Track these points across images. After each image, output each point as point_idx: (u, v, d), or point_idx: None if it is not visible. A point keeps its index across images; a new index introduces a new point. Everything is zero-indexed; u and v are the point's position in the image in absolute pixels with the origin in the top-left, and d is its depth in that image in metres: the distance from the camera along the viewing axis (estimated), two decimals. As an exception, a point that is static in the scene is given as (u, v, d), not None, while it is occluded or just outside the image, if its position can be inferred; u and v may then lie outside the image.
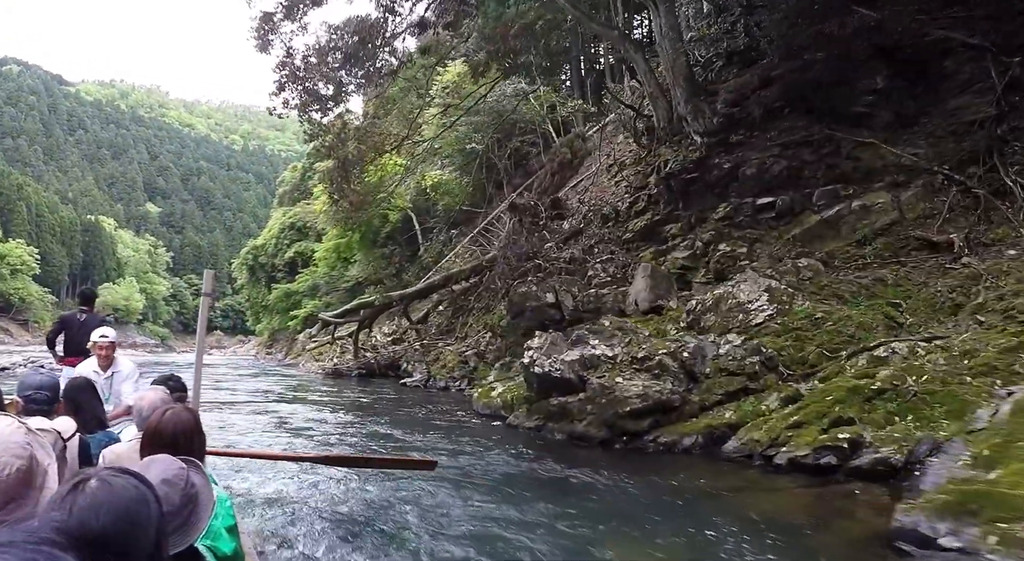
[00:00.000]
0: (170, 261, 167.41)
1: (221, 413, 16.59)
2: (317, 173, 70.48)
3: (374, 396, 20.99)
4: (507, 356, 18.79)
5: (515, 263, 23.40)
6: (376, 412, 16.87)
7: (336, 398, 20.26)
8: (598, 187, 29.81)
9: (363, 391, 22.73)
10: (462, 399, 18.64)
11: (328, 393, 22.05)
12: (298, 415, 16.48)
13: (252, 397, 21.33)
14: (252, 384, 26.92)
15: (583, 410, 11.34)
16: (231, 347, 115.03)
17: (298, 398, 21.05)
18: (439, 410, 16.60)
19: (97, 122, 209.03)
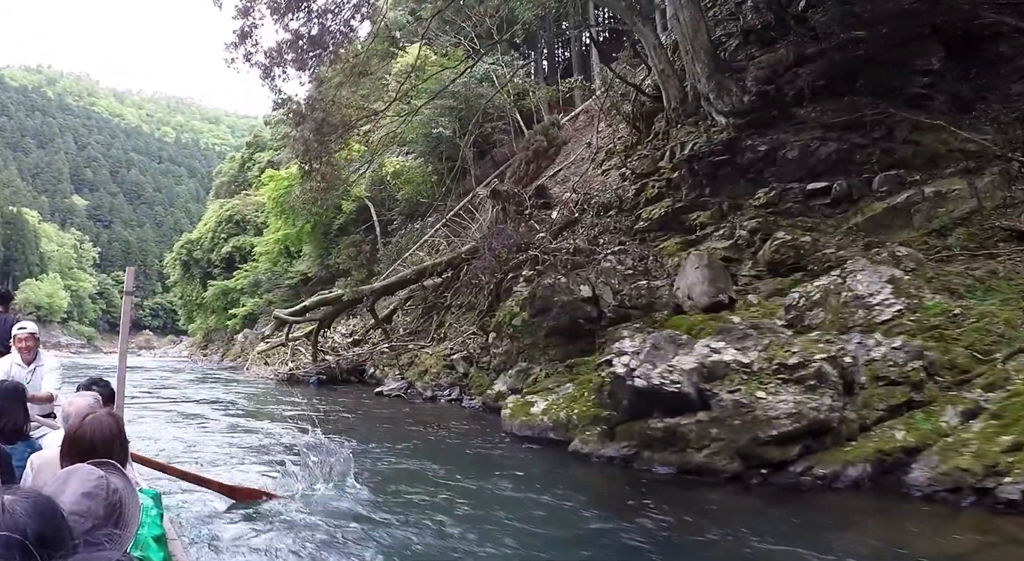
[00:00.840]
0: (97, 257, 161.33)
1: (178, 429, 14.27)
2: (278, 151, 67.82)
3: (355, 410, 18.16)
4: (522, 361, 15.84)
5: (506, 254, 20.57)
6: (375, 434, 14.06)
7: (309, 412, 17.12)
8: (582, 176, 27.44)
9: (336, 403, 19.72)
10: (468, 414, 16.70)
11: (296, 405, 18.90)
12: (279, 437, 13.45)
13: (205, 410, 18.36)
14: (199, 392, 23.80)
15: (704, 435, 9.06)
16: (161, 347, 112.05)
17: (263, 412, 18.09)
18: (454, 430, 14.09)
19: (22, 109, 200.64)
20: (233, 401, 20.54)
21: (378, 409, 18.08)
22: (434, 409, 17.94)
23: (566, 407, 11.55)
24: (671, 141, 20.07)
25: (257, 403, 20.42)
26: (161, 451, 10.81)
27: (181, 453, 11.35)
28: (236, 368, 41.50)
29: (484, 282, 21.78)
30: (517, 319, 16.04)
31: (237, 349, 56.00)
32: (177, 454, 11.07)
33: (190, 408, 18.36)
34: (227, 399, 21.16)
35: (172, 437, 13.37)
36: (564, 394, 12.12)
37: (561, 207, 23.72)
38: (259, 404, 20.18)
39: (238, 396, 22.13)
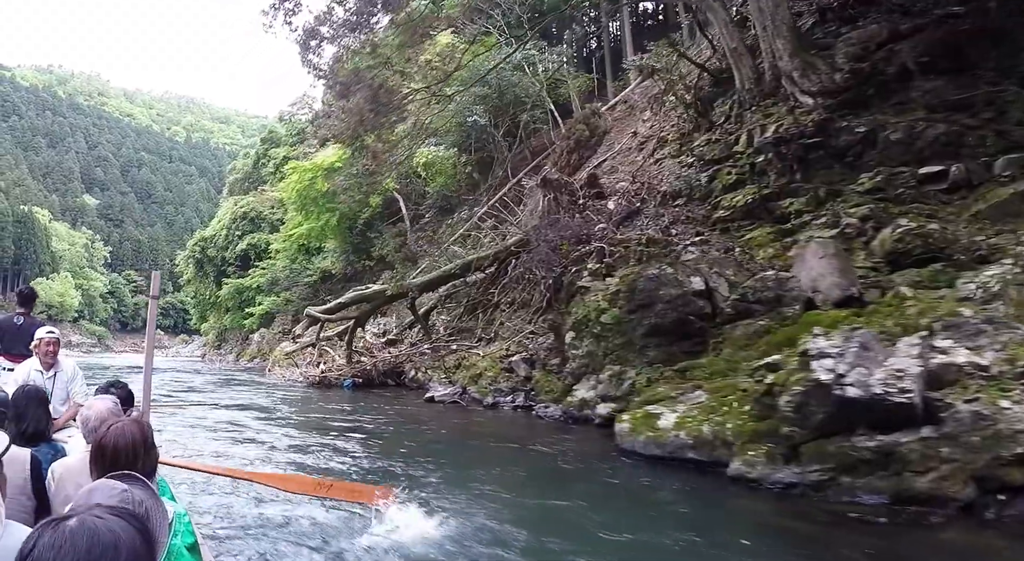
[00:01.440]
0: (108, 256, 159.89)
1: (227, 443, 12.48)
2: (294, 147, 66.25)
3: (415, 421, 15.86)
4: (611, 364, 13.78)
5: (566, 246, 18.69)
6: (465, 456, 11.88)
7: (362, 421, 15.09)
8: (631, 165, 25.59)
9: (385, 411, 17.52)
10: (551, 425, 14.39)
11: (344, 412, 16.98)
12: (352, 457, 11.15)
13: (245, 418, 16.16)
14: (229, 396, 21.78)
15: (931, 455, 7.08)
16: (173, 347, 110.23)
17: (311, 422, 15.79)
18: (555, 448, 11.56)
19: (33, 108, 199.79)
20: (270, 407, 18.47)
21: (439, 419, 15.93)
22: (503, 419, 15.83)
23: (706, 420, 9.37)
24: (744, 125, 18.41)
25: (298, 410, 18.31)
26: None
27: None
28: (255, 369, 39.52)
29: (540, 277, 19.87)
30: (607, 315, 13.99)
31: (253, 349, 54.08)
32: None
33: (228, 416, 16.35)
34: (263, 404, 19.11)
35: (222, 452, 11.44)
36: (695, 404, 9.97)
37: (619, 197, 21.85)
38: (301, 411, 18.11)
39: (272, 401, 20.13)
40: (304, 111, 73.98)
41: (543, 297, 19.70)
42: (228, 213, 68.13)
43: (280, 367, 31.33)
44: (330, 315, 23.51)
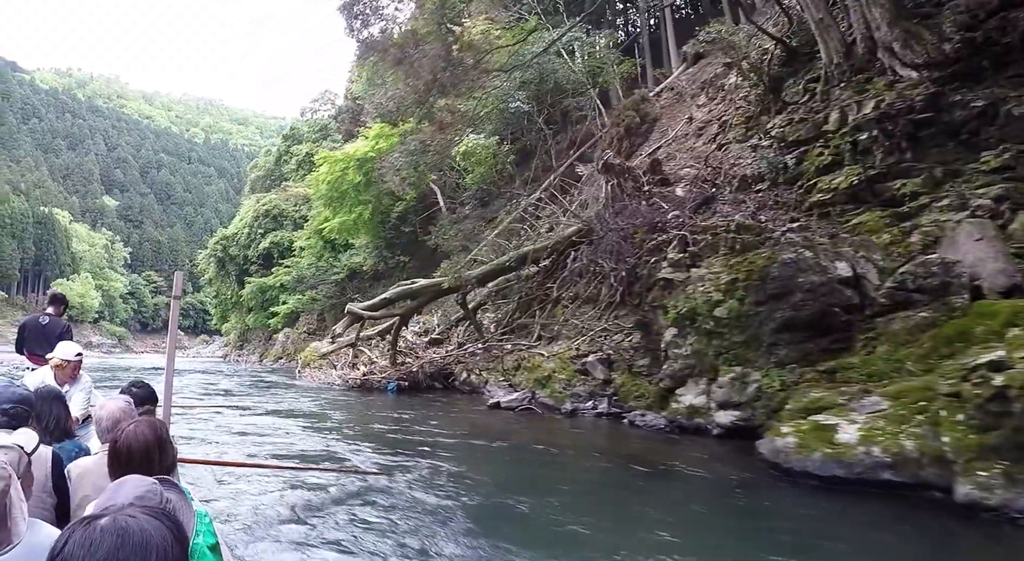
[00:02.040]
0: (128, 257, 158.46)
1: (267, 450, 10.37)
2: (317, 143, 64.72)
3: (489, 432, 13.62)
4: (727, 364, 11.84)
5: (641, 234, 16.91)
6: (588, 490, 9.39)
7: (425, 432, 13.15)
8: (690, 151, 23.94)
9: (446, 419, 15.51)
10: (657, 436, 12.44)
11: (399, 422, 15.02)
12: (439, 483, 9.01)
13: (293, 427, 14.27)
14: (265, 400, 19.89)
15: None
16: (193, 348, 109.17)
17: (373, 434, 13.49)
18: (695, 470, 9.48)
19: (52, 111, 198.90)
20: (314, 413, 16.55)
21: (517, 430, 13.87)
22: (594, 429, 13.86)
23: (899, 432, 7.40)
24: (833, 102, 16.52)
25: (347, 417, 16.25)
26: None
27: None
28: (283, 370, 37.75)
29: (608, 269, 18.05)
30: (723, 308, 12.08)
31: (278, 349, 52.40)
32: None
33: (270, 423, 14.54)
34: (304, 409, 17.22)
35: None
36: (877, 412, 7.93)
37: (687, 183, 20.05)
38: (351, 418, 16.11)
39: (314, 406, 18.28)
40: (326, 107, 72.50)
41: (614, 291, 17.90)
42: (250, 211, 66.44)
43: (312, 368, 29.62)
44: (373, 312, 21.65)
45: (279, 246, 60.17)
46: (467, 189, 32.97)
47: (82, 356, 6.67)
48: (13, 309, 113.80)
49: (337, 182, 36.13)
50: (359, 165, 34.57)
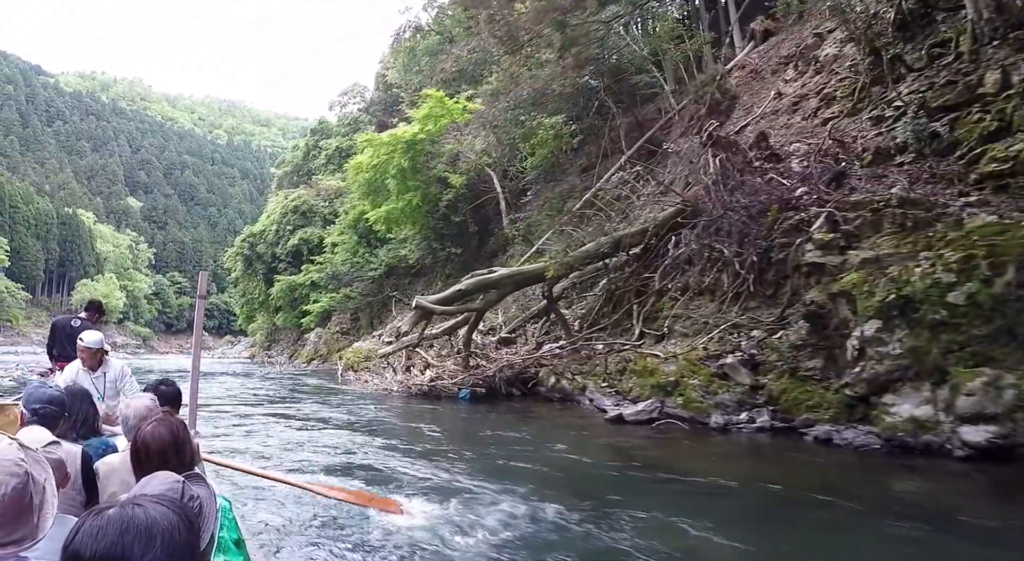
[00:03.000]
0: (152, 258, 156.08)
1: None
2: (347, 136, 61.75)
3: (654, 465, 9.67)
4: (969, 364, 8.42)
5: (775, 213, 13.54)
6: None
7: (564, 463, 9.79)
8: (786, 128, 20.75)
9: (566, 440, 11.81)
10: (864, 458, 9.39)
11: (507, 443, 11.31)
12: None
13: (353, 444, 11.13)
14: (309, 408, 16.49)
15: None
16: (219, 348, 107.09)
17: (477, 462, 9.61)
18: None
19: (76, 113, 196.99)
20: (384, 428, 13.05)
21: (673, 456, 10.42)
22: (771, 450, 10.45)
23: None
24: (984, 62, 14.14)
25: (435, 432, 12.84)
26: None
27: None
28: (321, 373, 34.32)
29: (731, 254, 14.60)
30: (958, 293, 8.66)
31: (310, 350, 49.11)
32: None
33: (335, 440, 11.28)
34: (373, 422, 13.74)
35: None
36: None
37: (805, 157, 16.67)
38: (442, 435, 12.65)
39: (379, 417, 14.91)
40: (355, 100, 69.27)
41: (741, 279, 14.44)
42: (277, 207, 63.08)
43: (358, 371, 26.26)
44: (446, 306, 18.10)
45: (308, 243, 57.01)
46: (527, 173, 29.35)
47: (84, 343, 6.85)
48: (38, 310, 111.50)
49: (382, 167, 32.52)
50: (407, 148, 31.04)
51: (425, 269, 39.46)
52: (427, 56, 45.17)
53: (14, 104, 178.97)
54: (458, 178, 31.05)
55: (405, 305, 40.84)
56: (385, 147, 31.44)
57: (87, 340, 6.88)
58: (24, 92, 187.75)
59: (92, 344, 6.87)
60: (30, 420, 3.86)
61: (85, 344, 6.84)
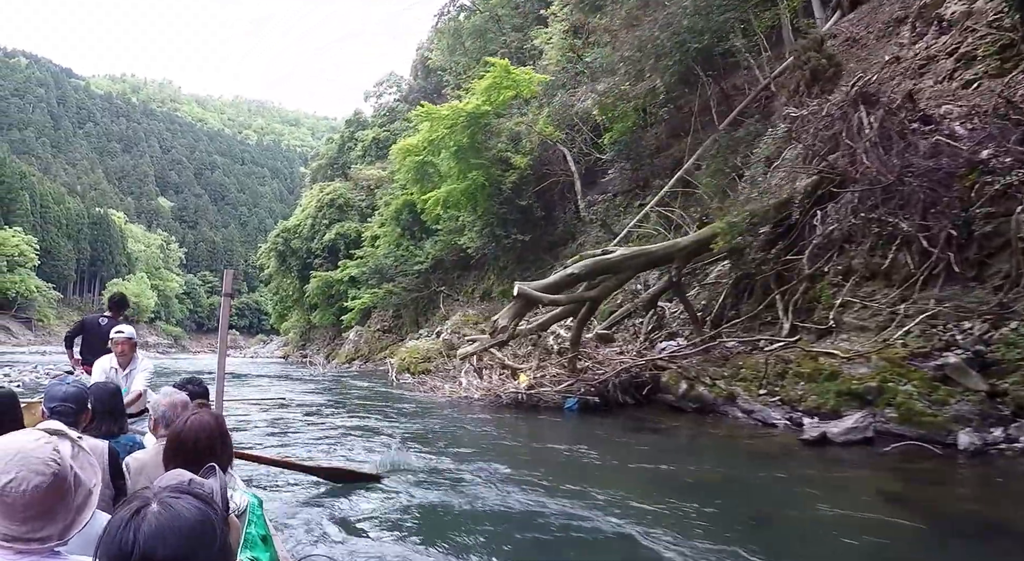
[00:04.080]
0: (183, 257, 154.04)
1: None
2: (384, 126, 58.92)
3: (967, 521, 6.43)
4: None
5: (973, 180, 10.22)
6: None
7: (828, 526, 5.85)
8: (920, 92, 17.43)
9: (773, 476, 7.88)
10: None
11: (704, 490, 7.28)
12: None
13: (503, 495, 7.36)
14: (388, 422, 12.94)
15: None
16: (250, 348, 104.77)
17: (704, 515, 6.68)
18: None
19: (107, 115, 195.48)
20: (504, 449, 9.64)
21: (985, 502, 6.80)
22: None
23: None
24: None
25: (574, 457, 9.24)
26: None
27: None
28: (368, 374, 30.99)
29: (914, 229, 11.19)
30: None
31: (349, 349, 45.76)
32: None
33: (461, 467, 7.95)
34: (483, 444, 10.22)
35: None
36: None
37: (973, 119, 13.25)
38: (586, 465, 9.04)
39: (480, 431, 11.68)
40: (391, 90, 66.08)
41: (933, 259, 11.02)
42: (312, 201, 59.85)
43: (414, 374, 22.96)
44: (555, 294, 14.51)
45: (345, 237, 53.96)
46: (605, 150, 25.73)
47: (124, 334, 6.78)
48: (69, 309, 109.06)
49: (439, 144, 28.93)
50: (468, 123, 27.56)
51: (475, 263, 36.09)
52: (472, 37, 42.05)
53: (46, 106, 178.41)
54: (521, 158, 27.58)
55: (454, 300, 37.60)
56: (444, 121, 27.81)
57: (127, 331, 6.86)
58: (55, 95, 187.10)
59: (132, 335, 6.87)
60: (49, 418, 3.69)
61: (125, 335, 6.79)
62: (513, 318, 13.69)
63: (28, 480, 1.86)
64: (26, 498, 1.86)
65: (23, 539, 1.88)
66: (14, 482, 1.86)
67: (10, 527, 1.88)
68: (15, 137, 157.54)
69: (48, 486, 1.89)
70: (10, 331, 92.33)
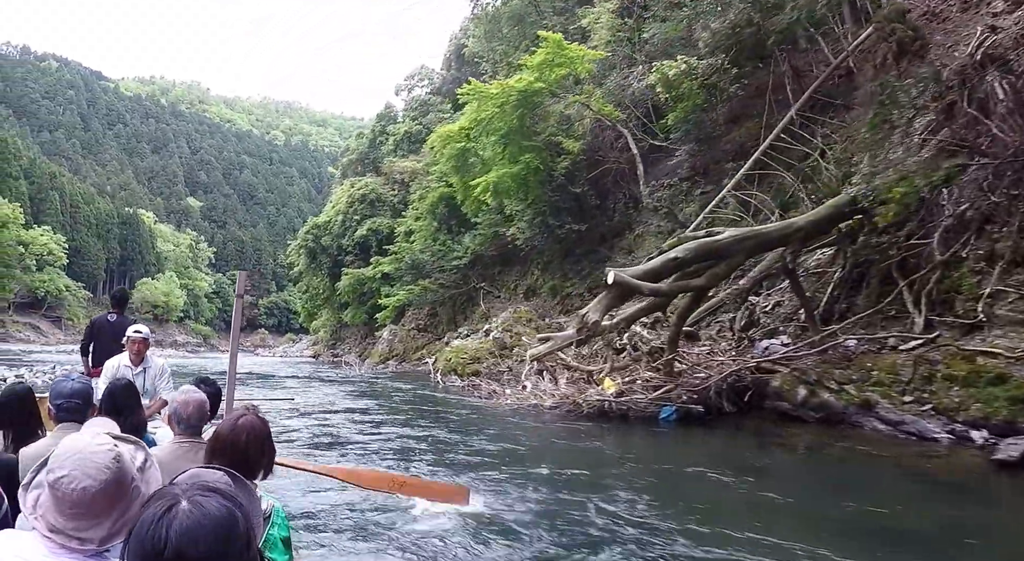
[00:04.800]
0: (212, 257, 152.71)
1: None
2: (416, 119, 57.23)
3: None
4: None
5: None
6: None
7: None
8: None
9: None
10: None
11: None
12: None
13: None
14: (451, 436, 10.77)
15: None
16: (279, 347, 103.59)
17: None
18: None
19: (136, 116, 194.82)
20: (617, 477, 7.56)
21: None
22: None
23: None
24: None
25: (709, 483, 7.47)
26: None
27: None
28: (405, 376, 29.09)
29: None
30: None
31: (383, 349, 43.79)
32: None
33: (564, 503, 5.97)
34: (582, 465, 8.13)
35: None
36: None
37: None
38: (740, 500, 6.87)
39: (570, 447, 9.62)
40: (423, 83, 64.22)
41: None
42: (343, 197, 57.99)
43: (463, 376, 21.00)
44: (653, 282, 12.25)
45: (377, 234, 52.19)
46: (662, 133, 23.55)
47: (142, 334, 6.84)
48: (99, 308, 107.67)
49: (487, 125, 26.74)
50: (519, 102, 25.49)
51: (518, 257, 34.04)
52: (511, 22, 39.95)
53: (75, 108, 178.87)
54: (574, 142, 25.44)
55: (495, 297, 35.57)
56: (494, 99, 25.55)
57: (144, 331, 6.92)
58: (85, 97, 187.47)
59: (148, 335, 6.91)
60: (56, 416, 3.76)
61: (143, 335, 6.83)
62: (605, 311, 11.57)
63: (79, 481, 1.87)
64: (73, 497, 1.87)
65: (65, 534, 1.88)
66: (66, 478, 1.87)
67: (57, 519, 1.89)
68: (46, 139, 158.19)
69: (97, 491, 1.88)
70: (40, 330, 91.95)
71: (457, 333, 33.07)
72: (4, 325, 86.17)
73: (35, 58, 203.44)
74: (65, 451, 1.92)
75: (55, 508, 1.88)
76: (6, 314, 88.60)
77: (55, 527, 1.87)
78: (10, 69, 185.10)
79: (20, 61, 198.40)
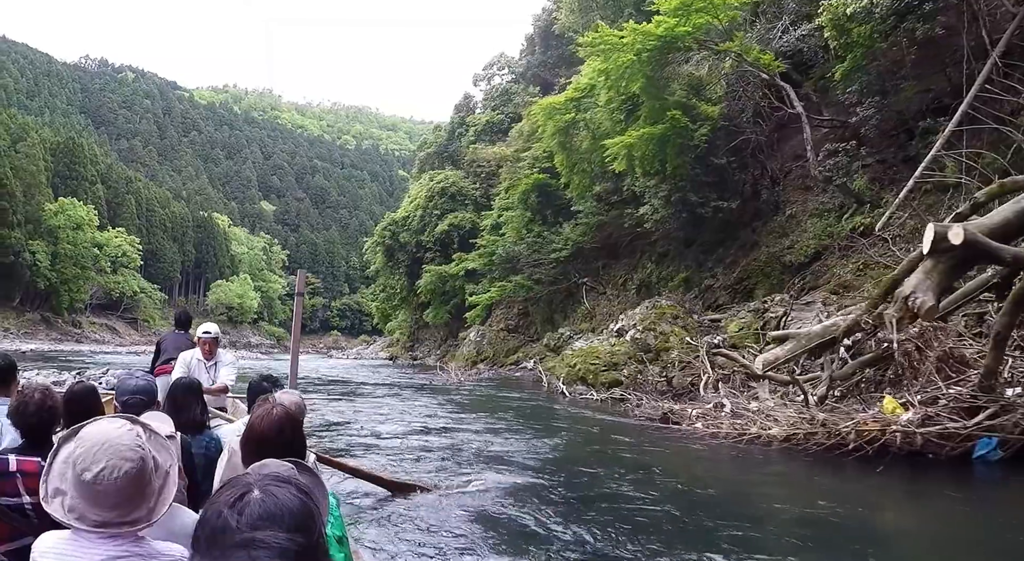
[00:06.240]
0: (286, 259, 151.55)
1: None
2: (496, 109, 54.29)
3: None
4: None
5: None
6: None
7: None
8: None
9: None
10: None
11: None
12: None
13: None
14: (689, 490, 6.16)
15: None
16: (353, 348, 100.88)
17: None
18: None
19: (211, 124, 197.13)
20: None
21: None
22: None
23: None
24: None
25: None
26: None
27: None
28: (507, 383, 24.91)
29: None
30: None
31: (470, 351, 39.59)
32: None
33: None
34: None
35: None
36: None
37: None
38: None
39: None
40: (503, 72, 60.47)
41: None
42: (422, 191, 54.04)
43: (593, 387, 16.70)
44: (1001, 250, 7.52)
45: (459, 229, 48.33)
46: (837, 84, 18.74)
47: (211, 334, 7.32)
48: (175, 310, 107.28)
49: (617, 78, 21.89)
50: (656, 52, 20.57)
51: (625, 249, 29.69)
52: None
53: (152, 117, 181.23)
54: (712, 107, 20.89)
55: (599, 294, 31.22)
56: (628, 48, 20.65)
57: (213, 331, 7.43)
58: (161, 106, 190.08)
59: (218, 334, 7.50)
60: (120, 411, 3.69)
61: (212, 336, 7.32)
62: (939, 289, 7.10)
63: (119, 467, 1.89)
64: (118, 485, 1.88)
65: (113, 524, 1.90)
66: (105, 470, 1.88)
67: (100, 514, 1.90)
68: (123, 146, 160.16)
69: (137, 471, 1.91)
70: (116, 331, 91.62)
71: (558, 334, 28.84)
72: (80, 326, 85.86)
73: (113, 70, 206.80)
74: (90, 447, 1.90)
75: (96, 503, 1.86)
76: (83, 315, 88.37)
77: (98, 521, 1.86)
78: (89, 81, 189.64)
79: (99, 73, 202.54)
